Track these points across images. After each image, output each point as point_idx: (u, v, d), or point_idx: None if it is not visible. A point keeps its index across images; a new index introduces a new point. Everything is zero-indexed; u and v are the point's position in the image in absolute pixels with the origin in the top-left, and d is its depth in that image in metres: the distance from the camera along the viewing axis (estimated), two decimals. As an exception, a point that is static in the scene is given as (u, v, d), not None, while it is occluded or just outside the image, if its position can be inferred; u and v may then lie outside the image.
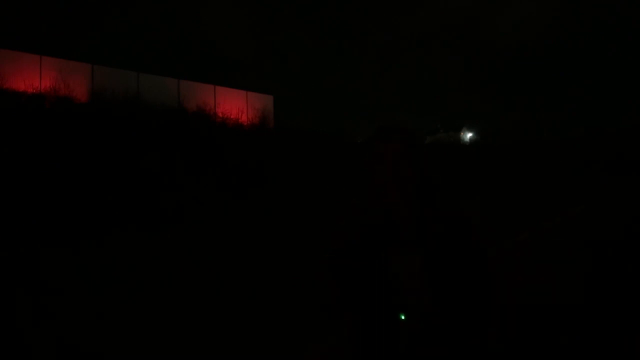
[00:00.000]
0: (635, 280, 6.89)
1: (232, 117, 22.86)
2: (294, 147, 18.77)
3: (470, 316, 1.77)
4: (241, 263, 8.25)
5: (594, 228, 13.60)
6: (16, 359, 4.71)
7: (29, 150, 11.68)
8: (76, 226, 9.72)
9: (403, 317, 1.61)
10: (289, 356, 4.69)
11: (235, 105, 24.07)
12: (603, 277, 7.48)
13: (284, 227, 10.72)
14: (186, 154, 14.58)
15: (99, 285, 6.92)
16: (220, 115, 22.67)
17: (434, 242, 1.78)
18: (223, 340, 5.05)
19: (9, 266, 7.67)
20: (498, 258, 9.21)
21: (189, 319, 5.66)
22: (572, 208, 19.21)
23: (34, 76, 18.55)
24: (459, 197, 1.92)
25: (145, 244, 9.06)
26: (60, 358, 4.73)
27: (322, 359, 4.35)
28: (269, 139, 20.34)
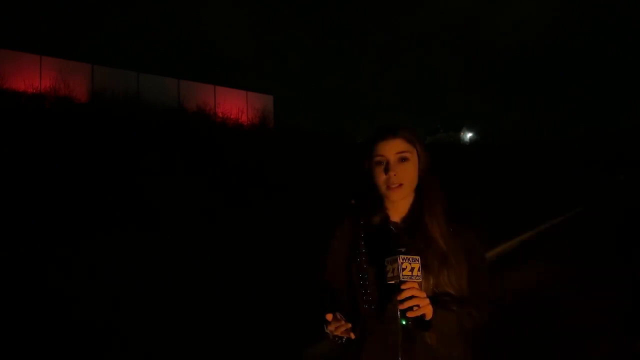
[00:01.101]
0: (633, 277, 6.89)
1: (232, 117, 22.85)
2: (294, 147, 18.76)
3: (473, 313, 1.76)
4: (241, 263, 8.26)
5: (593, 227, 13.57)
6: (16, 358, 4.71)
7: (29, 150, 11.69)
8: (76, 226, 9.73)
9: (404, 323, 1.61)
10: (289, 356, 4.70)
11: (235, 105, 24.07)
12: (602, 275, 7.48)
13: (284, 227, 10.73)
14: (186, 154, 14.58)
15: (99, 285, 6.93)
16: (220, 115, 22.66)
17: (434, 243, 1.78)
18: (223, 340, 5.06)
19: (9, 266, 7.67)
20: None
21: (189, 318, 5.67)
22: (572, 208, 19.18)
23: (34, 76, 18.55)
24: (459, 197, 1.91)
25: (145, 244, 9.06)
26: (60, 358, 4.74)
27: (321, 359, 4.36)
28: (269, 139, 20.33)
